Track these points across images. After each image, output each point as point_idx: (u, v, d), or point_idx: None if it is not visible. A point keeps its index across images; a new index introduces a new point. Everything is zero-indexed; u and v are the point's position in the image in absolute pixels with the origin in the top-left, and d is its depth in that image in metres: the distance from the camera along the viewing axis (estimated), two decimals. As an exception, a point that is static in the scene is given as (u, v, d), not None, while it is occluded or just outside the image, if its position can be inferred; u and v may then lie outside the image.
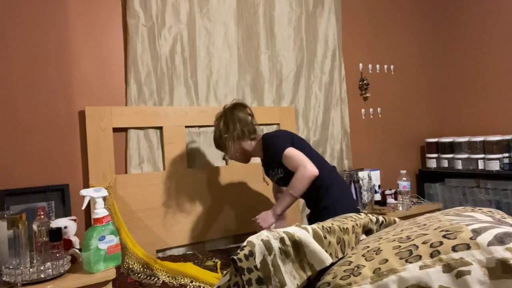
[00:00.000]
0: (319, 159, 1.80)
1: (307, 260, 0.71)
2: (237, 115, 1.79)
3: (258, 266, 0.67)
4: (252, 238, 0.71)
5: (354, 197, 2.35)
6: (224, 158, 2.07)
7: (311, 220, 1.82)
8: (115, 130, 1.91)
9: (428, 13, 3.30)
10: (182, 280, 1.55)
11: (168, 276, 1.59)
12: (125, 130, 1.96)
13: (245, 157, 1.88)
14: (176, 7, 2.09)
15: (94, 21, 1.92)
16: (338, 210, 1.60)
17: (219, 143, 1.83)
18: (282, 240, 0.70)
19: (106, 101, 1.94)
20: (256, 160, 2.01)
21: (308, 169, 1.62)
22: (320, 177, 1.67)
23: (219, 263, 1.71)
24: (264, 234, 0.71)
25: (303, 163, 1.63)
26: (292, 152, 1.67)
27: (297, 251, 0.70)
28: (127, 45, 1.97)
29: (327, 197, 1.73)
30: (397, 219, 1.12)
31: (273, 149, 1.73)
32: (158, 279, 1.57)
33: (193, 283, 1.52)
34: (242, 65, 2.30)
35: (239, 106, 1.83)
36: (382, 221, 1.07)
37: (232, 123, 1.77)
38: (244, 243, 0.69)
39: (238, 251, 0.68)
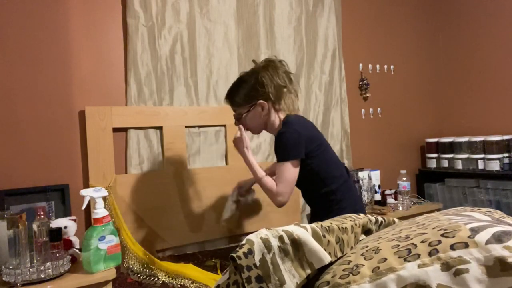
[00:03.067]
0: (339, 167, 1.68)
1: (306, 258, 0.71)
2: (281, 75, 1.59)
3: (257, 264, 0.67)
4: (251, 236, 0.71)
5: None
6: (236, 118, 1.68)
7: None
8: (115, 130, 1.91)
9: (428, 13, 3.30)
10: (182, 280, 1.55)
11: (168, 277, 1.59)
12: (125, 130, 1.96)
13: (261, 126, 1.67)
14: (176, 7, 2.09)
15: (94, 21, 1.92)
16: None
17: (244, 96, 1.61)
18: (281, 238, 0.71)
19: (106, 101, 1.94)
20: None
21: (278, 199, 1.53)
22: (333, 191, 1.60)
23: (218, 263, 1.71)
24: (263, 232, 0.71)
25: (282, 190, 1.52)
26: (288, 168, 1.53)
27: (296, 249, 0.71)
28: (127, 45, 1.98)
29: (337, 209, 1.58)
30: (396, 220, 1.12)
31: (279, 147, 1.56)
32: (158, 279, 1.57)
33: (193, 284, 1.52)
34: (242, 65, 2.31)
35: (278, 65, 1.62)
36: (382, 222, 1.07)
37: (276, 80, 1.57)
38: (243, 241, 0.70)
39: (237, 249, 0.68)
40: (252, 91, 1.59)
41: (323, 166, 1.61)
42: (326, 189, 1.61)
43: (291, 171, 1.54)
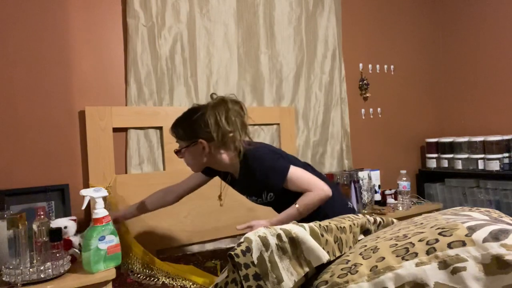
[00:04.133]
0: (306, 169, 1.56)
1: (304, 256, 0.71)
2: (230, 113, 1.43)
3: (255, 262, 0.67)
4: (249, 234, 0.71)
5: (354, 197, 2.35)
6: (176, 151, 1.53)
7: None
8: (115, 130, 1.92)
9: (428, 13, 3.30)
10: (182, 281, 1.55)
11: (168, 277, 1.59)
12: (125, 130, 1.97)
13: (201, 164, 1.53)
14: (176, 7, 2.10)
15: (94, 21, 1.93)
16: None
17: (186, 130, 1.46)
18: (279, 236, 0.71)
19: (106, 101, 1.94)
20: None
21: (326, 192, 1.41)
22: None
23: (218, 265, 1.71)
24: (261, 230, 0.71)
25: (318, 184, 1.42)
26: (297, 172, 1.44)
27: (294, 247, 0.71)
28: (127, 45, 1.98)
29: (322, 208, 1.49)
30: (395, 220, 1.13)
31: (269, 173, 1.44)
32: (158, 279, 1.57)
33: (194, 285, 1.51)
34: (242, 65, 2.31)
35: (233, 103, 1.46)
36: (380, 222, 1.08)
37: (222, 123, 1.41)
38: (242, 239, 0.70)
39: (235, 247, 0.68)
40: (195, 128, 1.44)
41: None
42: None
43: (300, 173, 1.45)
